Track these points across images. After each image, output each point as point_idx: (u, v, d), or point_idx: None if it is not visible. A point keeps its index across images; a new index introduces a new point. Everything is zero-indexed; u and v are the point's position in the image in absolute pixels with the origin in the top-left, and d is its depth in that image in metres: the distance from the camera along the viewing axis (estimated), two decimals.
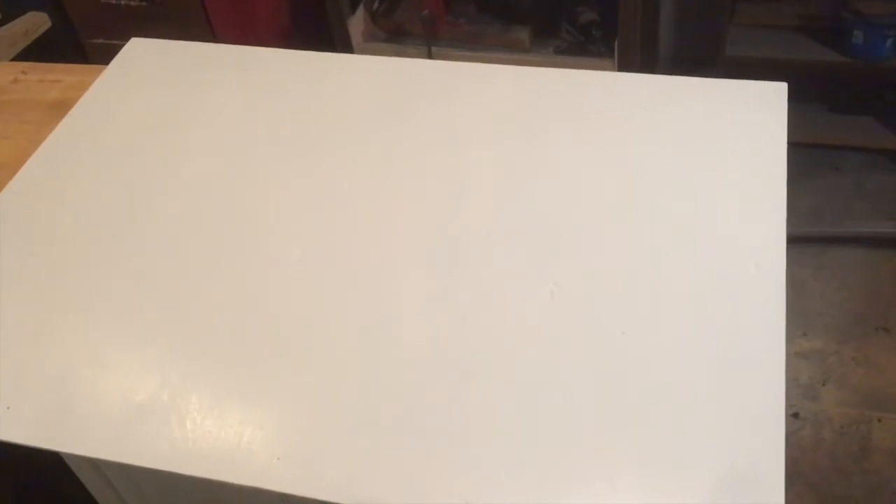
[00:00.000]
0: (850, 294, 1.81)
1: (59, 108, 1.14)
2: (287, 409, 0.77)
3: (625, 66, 1.64)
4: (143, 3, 1.93)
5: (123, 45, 1.22)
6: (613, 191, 0.91)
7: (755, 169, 0.92)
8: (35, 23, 1.95)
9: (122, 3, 1.95)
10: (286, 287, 0.87)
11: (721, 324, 0.78)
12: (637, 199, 0.90)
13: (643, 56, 1.68)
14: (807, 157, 1.92)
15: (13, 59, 1.76)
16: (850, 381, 1.67)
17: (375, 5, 1.73)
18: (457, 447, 0.73)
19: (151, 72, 1.16)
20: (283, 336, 0.83)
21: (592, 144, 0.96)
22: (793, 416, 1.61)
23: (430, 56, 1.68)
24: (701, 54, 1.81)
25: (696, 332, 0.78)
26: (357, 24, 1.81)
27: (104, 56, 1.99)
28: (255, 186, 0.98)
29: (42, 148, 1.05)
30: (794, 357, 1.71)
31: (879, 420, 1.60)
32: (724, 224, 0.86)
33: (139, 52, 1.20)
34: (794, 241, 0.85)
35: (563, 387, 0.76)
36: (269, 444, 0.74)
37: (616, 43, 1.66)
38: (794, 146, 0.94)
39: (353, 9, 1.83)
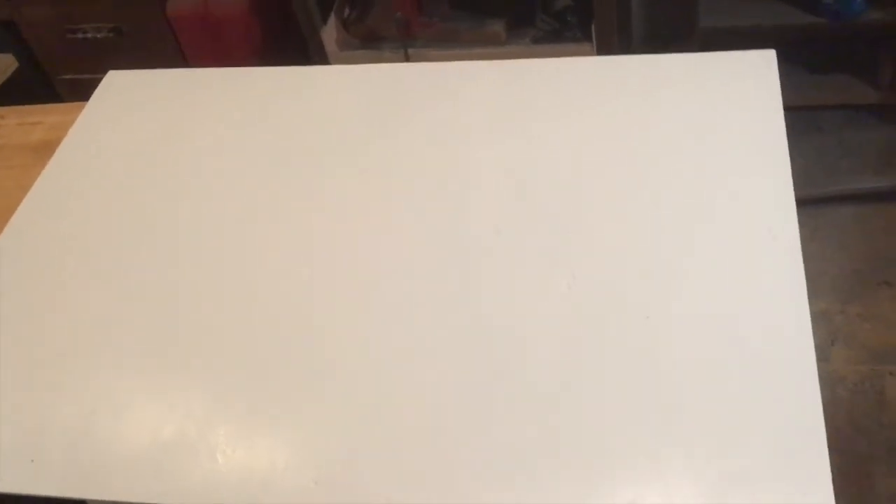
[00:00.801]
0: (848, 252, 1.82)
1: (44, 150, 1.12)
2: (317, 432, 0.76)
3: (603, 48, 1.64)
4: (111, 35, 1.91)
5: (94, 78, 1.20)
6: (618, 176, 0.91)
7: (756, 138, 0.92)
8: (1, 65, 1.93)
9: (89, 36, 1.93)
10: (299, 308, 0.86)
11: (743, 294, 0.78)
12: (642, 181, 0.89)
13: (620, 37, 1.67)
14: (789, 120, 1.93)
15: None
16: (858, 338, 1.68)
17: (346, 13, 1.71)
18: (495, 450, 0.72)
19: (133, 103, 1.14)
20: (304, 358, 0.81)
21: (591, 132, 0.96)
22: None
23: (406, 58, 1.67)
24: (675, 28, 1.81)
25: (720, 306, 0.78)
26: (330, 33, 1.79)
27: (77, 92, 1.98)
28: (256, 208, 0.96)
29: (33, 191, 1.03)
30: None
31: (891, 373, 1.61)
32: (733, 196, 0.86)
33: (118, 85, 1.18)
34: None
35: (593, 376, 0.75)
36: (303, 469, 0.73)
37: (593, 27, 1.66)
38: None
39: (325, 18, 1.82)
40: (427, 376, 0.78)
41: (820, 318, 1.72)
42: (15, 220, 1.00)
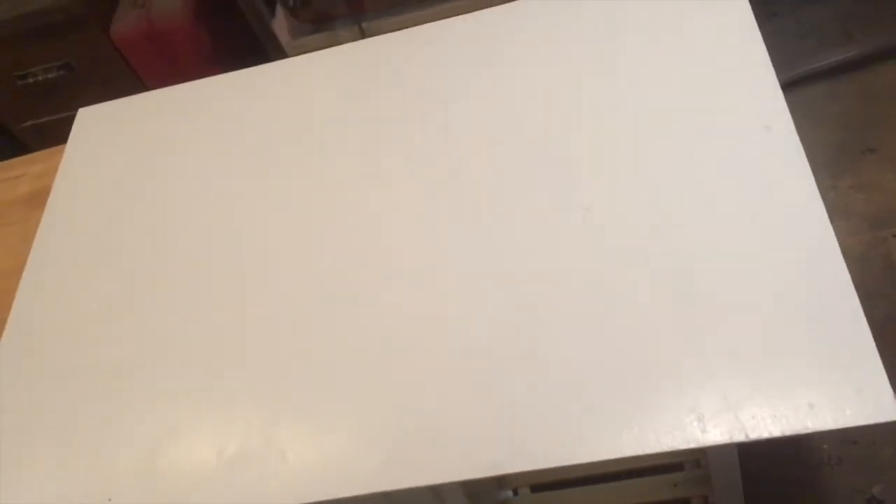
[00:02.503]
0: (828, 127, 1.84)
1: (36, 200, 1.12)
2: (377, 411, 0.77)
3: None
4: (62, 72, 1.89)
5: (58, 119, 1.21)
6: (606, 103, 0.91)
7: (729, 37, 0.93)
8: None
9: (40, 78, 1.90)
10: (325, 294, 0.87)
11: (754, 192, 0.80)
12: (631, 103, 0.90)
13: None
14: None
15: None
16: (854, 209, 1.71)
17: (291, 0, 1.70)
18: (548, 389, 0.73)
19: (112, 137, 1.14)
20: (343, 342, 0.83)
21: (569, 65, 0.96)
22: None
23: (361, 33, 1.66)
24: None
25: (735, 208, 0.79)
26: (280, 24, 1.78)
27: (44, 136, 1.96)
28: (265, 211, 0.97)
29: (37, 243, 1.03)
30: None
31: (894, 236, 1.65)
32: (723, 99, 0.87)
33: (92, 122, 1.18)
34: None
35: (626, 298, 0.77)
36: (373, 450, 0.75)
37: None
38: None
39: (274, 11, 1.80)
40: (467, 333, 0.79)
41: None
42: (27, 273, 1.00)
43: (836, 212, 1.72)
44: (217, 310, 0.90)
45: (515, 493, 1.34)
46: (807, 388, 0.67)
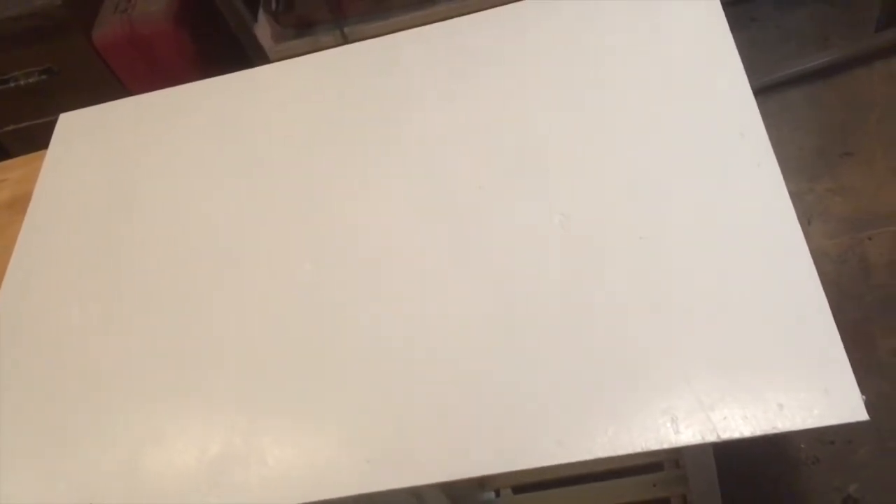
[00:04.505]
0: (806, 131, 1.87)
1: (17, 206, 1.12)
2: (357, 413, 0.78)
3: None
4: (44, 77, 1.88)
5: (39, 124, 1.20)
6: (583, 108, 0.93)
7: (703, 44, 0.94)
8: None
9: (21, 83, 1.90)
10: (309, 300, 0.88)
11: (727, 196, 0.81)
12: (607, 109, 0.92)
13: None
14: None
15: None
16: (832, 212, 1.73)
17: (274, 5, 1.70)
18: (531, 394, 0.75)
19: (93, 142, 1.14)
20: (325, 347, 0.84)
21: (544, 73, 0.98)
22: None
23: (343, 37, 1.67)
24: None
25: (708, 212, 0.80)
26: (263, 28, 1.78)
27: (24, 141, 1.95)
28: (246, 216, 0.97)
29: (18, 248, 1.03)
30: None
31: (870, 238, 1.67)
32: (696, 105, 0.89)
33: (73, 127, 1.18)
34: None
35: (602, 302, 0.78)
36: (353, 451, 0.76)
37: None
38: None
39: (256, 15, 1.81)
40: (447, 337, 0.80)
41: (792, 200, 1.76)
42: (8, 279, 1.00)
43: (814, 214, 1.74)
44: (200, 313, 0.91)
45: (497, 494, 1.35)
46: (777, 389, 0.68)
